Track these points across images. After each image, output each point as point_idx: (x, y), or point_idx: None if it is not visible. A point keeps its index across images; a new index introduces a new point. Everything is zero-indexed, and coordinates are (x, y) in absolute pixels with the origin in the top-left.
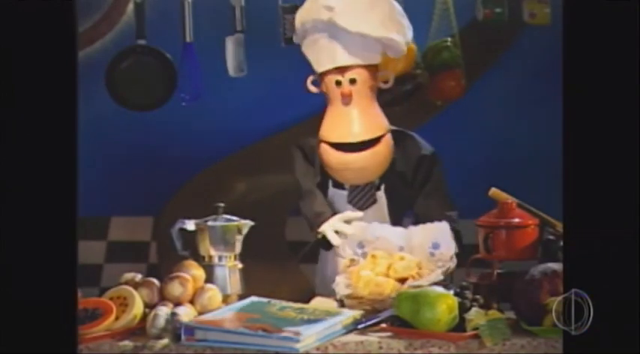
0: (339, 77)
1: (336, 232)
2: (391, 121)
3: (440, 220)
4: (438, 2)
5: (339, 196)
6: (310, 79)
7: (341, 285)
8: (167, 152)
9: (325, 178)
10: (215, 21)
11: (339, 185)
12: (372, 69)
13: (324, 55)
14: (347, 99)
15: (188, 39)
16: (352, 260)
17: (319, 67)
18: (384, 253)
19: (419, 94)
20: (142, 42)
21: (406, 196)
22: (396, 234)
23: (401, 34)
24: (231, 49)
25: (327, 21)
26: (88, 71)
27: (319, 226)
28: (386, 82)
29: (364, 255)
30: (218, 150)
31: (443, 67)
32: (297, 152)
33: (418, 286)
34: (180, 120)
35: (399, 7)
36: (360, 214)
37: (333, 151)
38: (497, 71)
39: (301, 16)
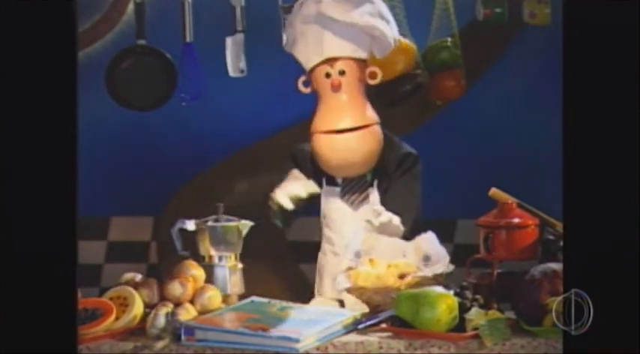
0: (328, 69)
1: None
2: (391, 121)
3: (401, 211)
4: (438, 2)
5: (332, 192)
6: (301, 79)
7: (341, 281)
8: (167, 152)
9: (319, 176)
10: (215, 21)
11: (332, 182)
12: (361, 64)
13: (312, 48)
14: (336, 88)
15: (188, 39)
16: (350, 268)
17: (309, 62)
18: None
19: (419, 94)
20: (142, 42)
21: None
22: (393, 245)
23: (387, 28)
24: (231, 49)
25: (315, 14)
26: (88, 71)
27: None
28: (374, 78)
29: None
30: (218, 150)
31: (443, 67)
32: (289, 160)
33: (420, 284)
34: (180, 120)
35: (385, 7)
36: (311, 183)
37: (324, 135)
38: (497, 71)
39: (290, 19)
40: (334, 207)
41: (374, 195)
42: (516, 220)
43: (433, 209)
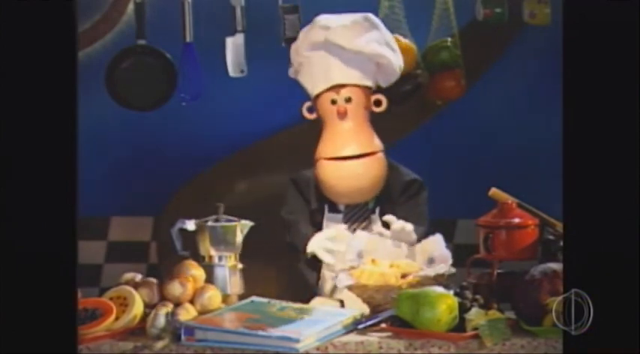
0: (334, 96)
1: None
2: (391, 121)
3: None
4: (438, 2)
5: (335, 219)
6: (306, 105)
7: (343, 278)
8: (167, 152)
9: (321, 203)
10: (215, 21)
11: (334, 209)
12: (367, 91)
13: (319, 75)
14: (342, 115)
15: (188, 39)
16: (352, 267)
17: (315, 89)
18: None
19: (419, 94)
20: (142, 42)
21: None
22: (394, 249)
23: (393, 57)
24: (231, 49)
25: (323, 41)
26: (88, 71)
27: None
28: (379, 105)
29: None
30: (218, 150)
31: (443, 67)
32: (290, 186)
33: (421, 284)
34: (180, 120)
35: (391, 36)
36: (343, 226)
37: (330, 162)
38: (497, 71)
39: (296, 46)
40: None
41: (376, 222)
42: (516, 220)
43: (433, 209)
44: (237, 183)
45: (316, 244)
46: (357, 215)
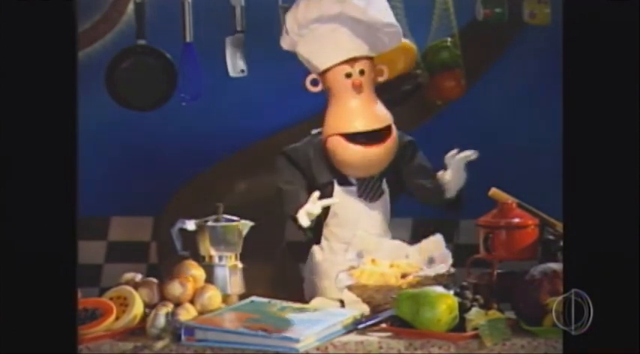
0: (348, 69)
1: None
2: None
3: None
4: (438, 2)
5: (346, 192)
6: (310, 78)
7: (343, 278)
8: (167, 152)
9: (329, 176)
10: (215, 21)
11: (345, 182)
12: (372, 61)
13: (331, 48)
14: (358, 88)
15: (188, 39)
16: (352, 267)
17: (326, 62)
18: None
19: (419, 94)
20: (142, 42)
21: (399, 183)
22: (395, 247)
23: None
24: (231, 49)
25: (337, 14)
26: (88, 71)
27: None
28: (381, 75)
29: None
30: (218, 150)
31: (443, 67)
32: (283, 159)
33: (421, 284)
34: (180, 120)
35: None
36: (334, 200)
37: (353, 144)
38: (497, 71)
39: (296, 17)
40: (351, 206)
41: (386, 189)
42: (516, 220)
43: (433, 210)
44: (237, 183)
45: (302, 210)
46: (370, 186)
